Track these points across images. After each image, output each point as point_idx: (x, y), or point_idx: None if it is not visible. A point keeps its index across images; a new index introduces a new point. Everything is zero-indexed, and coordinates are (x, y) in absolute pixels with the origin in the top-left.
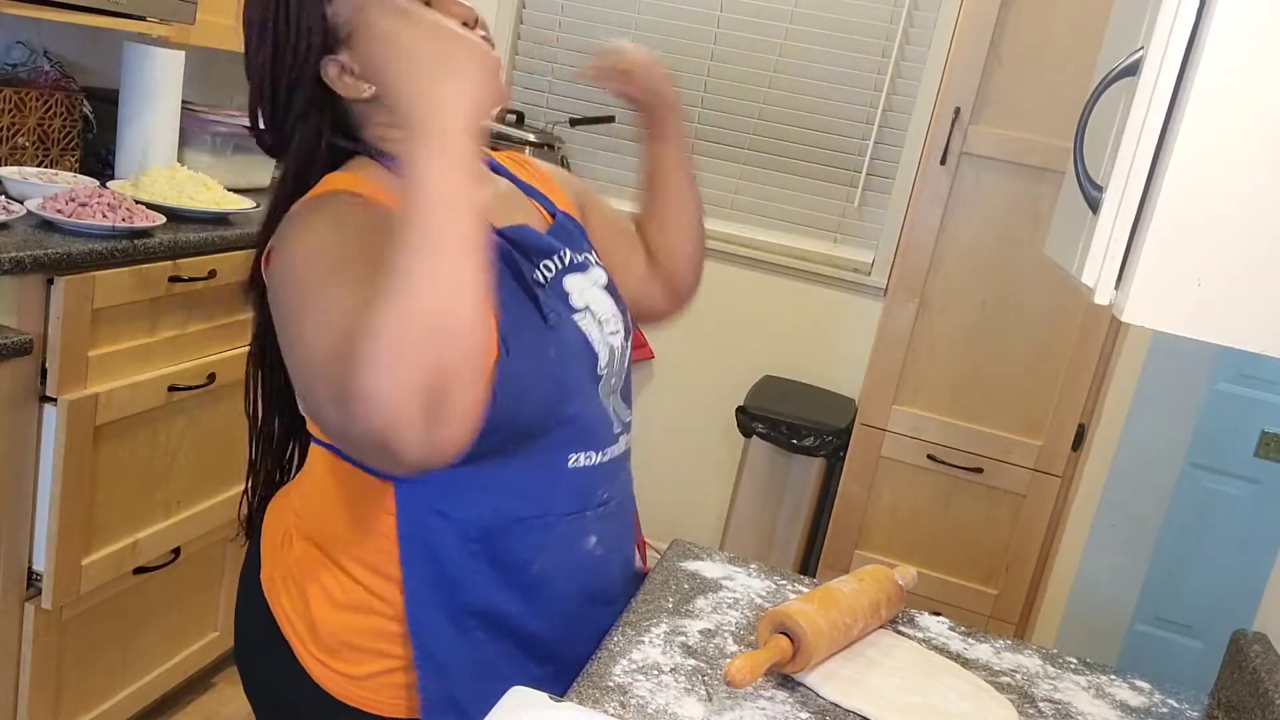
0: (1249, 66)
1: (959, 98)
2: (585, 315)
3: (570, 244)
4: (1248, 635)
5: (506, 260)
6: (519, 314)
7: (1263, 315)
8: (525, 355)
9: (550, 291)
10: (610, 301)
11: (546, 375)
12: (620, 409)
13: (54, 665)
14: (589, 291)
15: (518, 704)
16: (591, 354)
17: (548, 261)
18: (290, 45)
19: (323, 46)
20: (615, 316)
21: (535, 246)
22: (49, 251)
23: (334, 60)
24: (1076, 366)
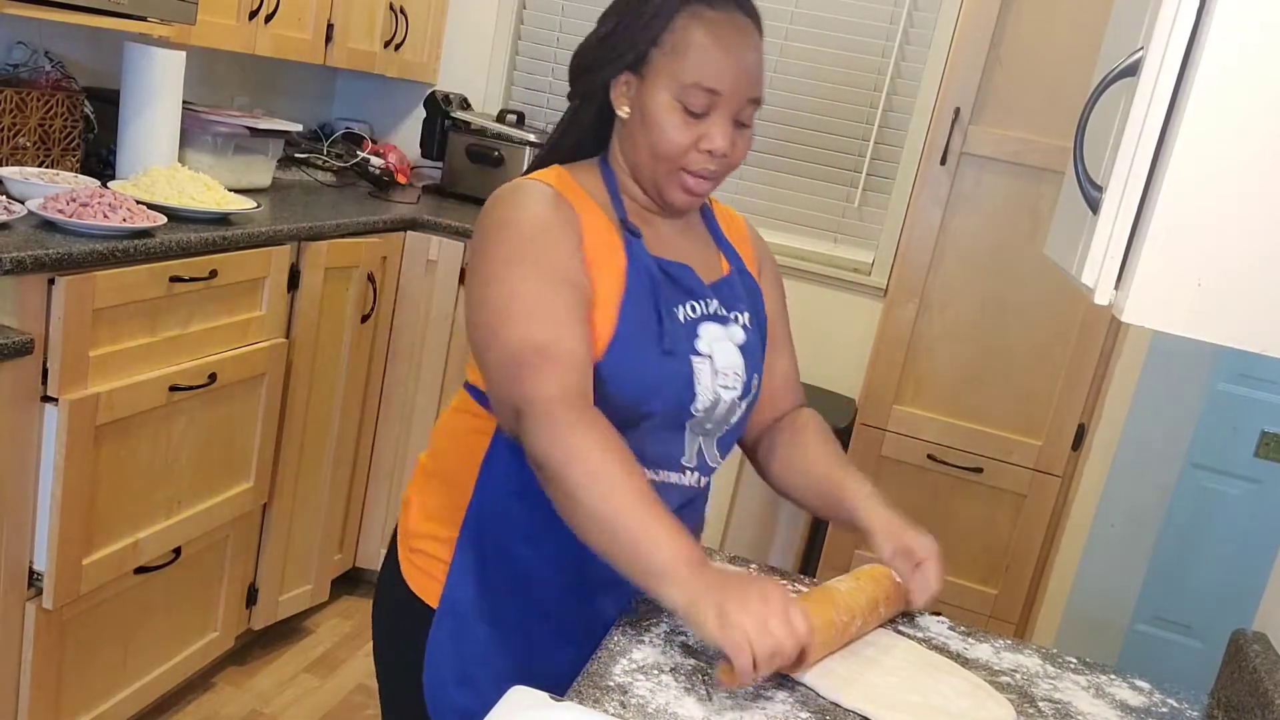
0: (1249, 67)
1: (959, 98)
2: (704, 361)
3: (726, 298)
4: (1247, 635)
5: (652, 285)
6: (639, 333)
7: (1263, 315)
8: (623, 366)
9: (682, 328)
10: (739, 360)
11: (633, 385)
12: (709, 451)
13: (54, 665)
14: (720, 344)
15: (518, 704)
16: (690, 394)
17: (694, 303)
18: (622, 37)
19: (633, 59)
20: (738, 374)
21: (686, 285)
22: (50, 251)
23: (626, 78)
24: (1076, 366)
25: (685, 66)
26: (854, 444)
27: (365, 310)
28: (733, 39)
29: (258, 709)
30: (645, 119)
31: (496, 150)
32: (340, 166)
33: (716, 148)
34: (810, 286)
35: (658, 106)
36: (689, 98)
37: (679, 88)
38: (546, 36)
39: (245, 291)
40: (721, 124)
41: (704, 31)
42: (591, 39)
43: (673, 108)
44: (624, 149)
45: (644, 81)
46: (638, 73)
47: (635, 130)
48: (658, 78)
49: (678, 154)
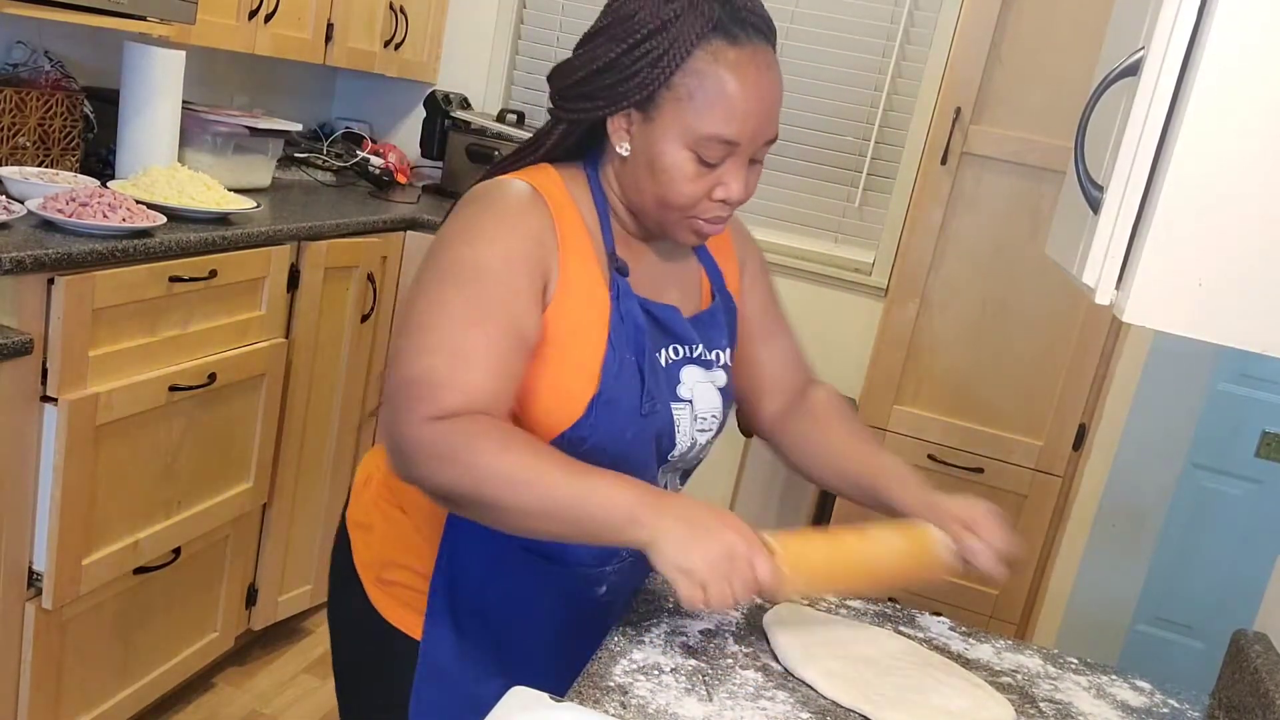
0: (1250, 67)
1: (960, 98)
2: (685, 407)
3: (709, 337)
4: (1248, 635)
5: (636, 333)
6: (622, 392)
7: (1263, 315)
8: (603, 425)
9: (664, 374)
10: (719, 403)
11: (613, 442)
12: (672, 484)
13: (54, 665)
14: (701, 387)
15: (518, 704)
16: (670, 441)
17: (677, 346)
18: (627, 71)
19: (639, 97)
20: (715, 416)
21: (671, 330)
22: (49, 251)
23: (628, 114)
24: (1077, 366)
25: (701, 117)
26: None
27: (365, 310)
28: (756, 82)
29: (257, 709)
30: (653, 167)
31: (496, 150)
32: (340, 166)
33: (733, 197)
34: (811, 286)
35: (667, 156)
36: (705, 149)
37: (694, 138)
38: (546, 36)
39: (245, 291)
40: (737, 171)
41: (725, 76)
42: (587, 61)
43: (685, 158)
44: (622, 183)
45: (651, 124)
46: (644, 111)
47: (639, 173)
48: (668, 123)
49: (689, 205)
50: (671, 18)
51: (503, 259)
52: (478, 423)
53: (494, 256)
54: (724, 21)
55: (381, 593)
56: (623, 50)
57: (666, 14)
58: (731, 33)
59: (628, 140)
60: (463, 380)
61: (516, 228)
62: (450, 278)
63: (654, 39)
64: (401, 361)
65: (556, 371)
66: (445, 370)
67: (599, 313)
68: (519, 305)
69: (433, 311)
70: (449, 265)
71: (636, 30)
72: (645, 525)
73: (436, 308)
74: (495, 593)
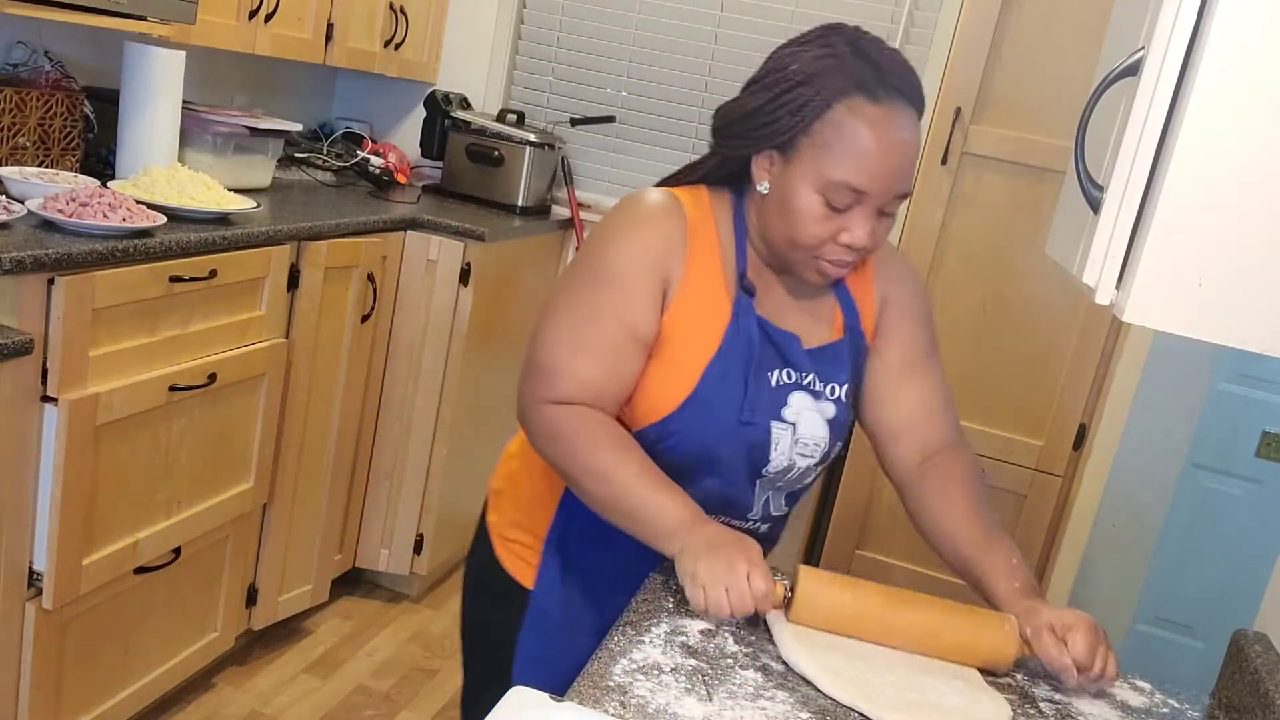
0: (1250, 66)
1: (960, 97)
2: (787, 429)
3: (826, 370)
4: (1248, 635)
5: (749, 350)
6: (718, 399)
7: (1264, 315)
8: (690, 427)
9: (770, 393)
10: (825, 432)
11: (702, 443)
12: (775, 502)
13: (54, 665)
14: (807, 414)
15: (518, 704)
16: (765, 457)
17: (790, 370)
18: (772, 115)
19: (781, 142)
20: (818, 444)
21: (787, 355)
22: (50, 251)
23: (770, 155)
24: (1077, 366)
25: (834, 163)
26: (855, 444)
27: (365, 310)
28: (890, 139)
29: (258, 709)
30: (785, 206)
31: (496, 150)
32: (340, 166)
33: (857, 243)
34: None
35: (799, 197)
36: (834, 194)
37: (824, 183)
38: (547, 36)
39: (245, 291)
40: (864, 219)
41: (860, 130)
42: (740, 107)
43: (815, 201)
44: (759, 218)
45: (789, 165)
46: (784, 154)
47: (773, 210)
48: (803, 166)
49: (815, 246)
50: (818, 72)
51: (629, 261)
52: (585, 416)
53: (622, 258)
54: (868, 81)
55: (504, 549)
56: (771, 97)
57: (815, 68)
58: (873, 91)
59: (767, 179)
60: (579, 371)
61: (646, 230)
62: (583, 275)
63: (800, 90)
64: (534, 345)
65: (663, 366)
66: (565, 360)
67: (717, 321)
68: (639, 306)
69: (565, 305)
70: (585, 263)
71: (786, 80)
72: (678, 540)
73: (568, 302)
74: (599, 556)
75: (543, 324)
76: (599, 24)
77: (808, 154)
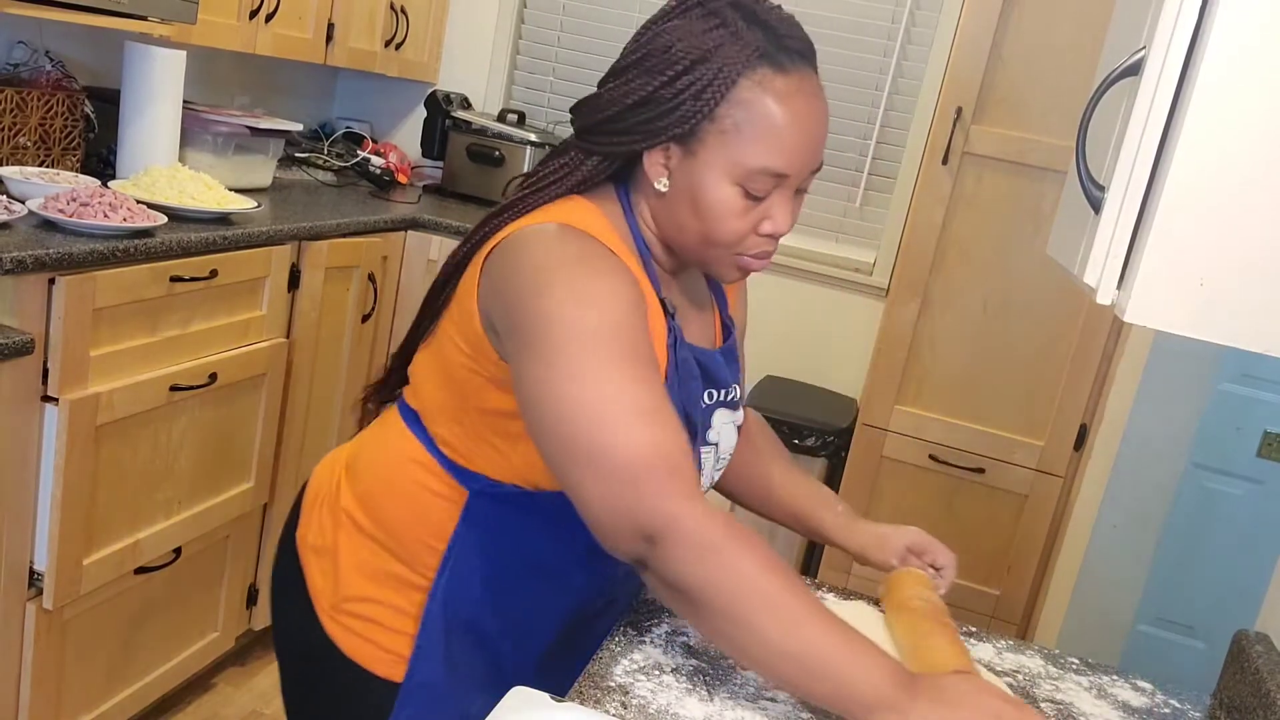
0: (1251, 66)
1: (961, 97)
2: (711, 450)
3: (734, 374)
4: (1250, 635)
5: (694, 381)
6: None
7: (1265, 315)
8: None
9: (700, 418)
10: (736, 440)
11: None
12: None
13: (55, 665)
14: (725, 429)
15: (518, 704)
16: None
17: (713, 390)
18: (667, 105)
19: (680, 131)
20: (729, 455)
21: (714, 376)
22: (50, 251)
23: (666, 149)
24: (1079, 366)
25: (748, 149)
26: (855, 444)
27: (366, 310)
28: (805, 111)
29: (258, 709)
30: (696, 204)
31: (497, 150)
32: (341, 166)
33: (780, 230)
34: (812, 286)
35: (712, 191)
36: (752, 182)
37: (741, 172)
38: (547, 36)
39: (245, 291)
40: (784, 203)
41: (773, 107)
42: (621, 94)
43: (731, 193)
44: (659, 220)
45: (693, 158)
46: (684, 145)
47: (679, 210)
48: (712, 158)
49: (735, 242)
50: (713, 47)
51: (629, 306)
52: (739, 527)
53: (616, 308)
54: (769, 49)
55: (341, 626)
56: (662, 83)
57: (708, 43)
58: (778, 61)
59: (665, 175)
60: (679, 443)
61: (619, 272)
62: (593, 347)
63: (696, 70)
64: (611, 443)
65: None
66: (664, 438)
67: (662, 350)
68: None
69: (610, 380)
70: (582, 335)
71: (676, 62)
72: (898, 709)
73: (613, 378)
74: (493, 611)
75: (594, 430)
76: (599, 24)
77: (715, 142)
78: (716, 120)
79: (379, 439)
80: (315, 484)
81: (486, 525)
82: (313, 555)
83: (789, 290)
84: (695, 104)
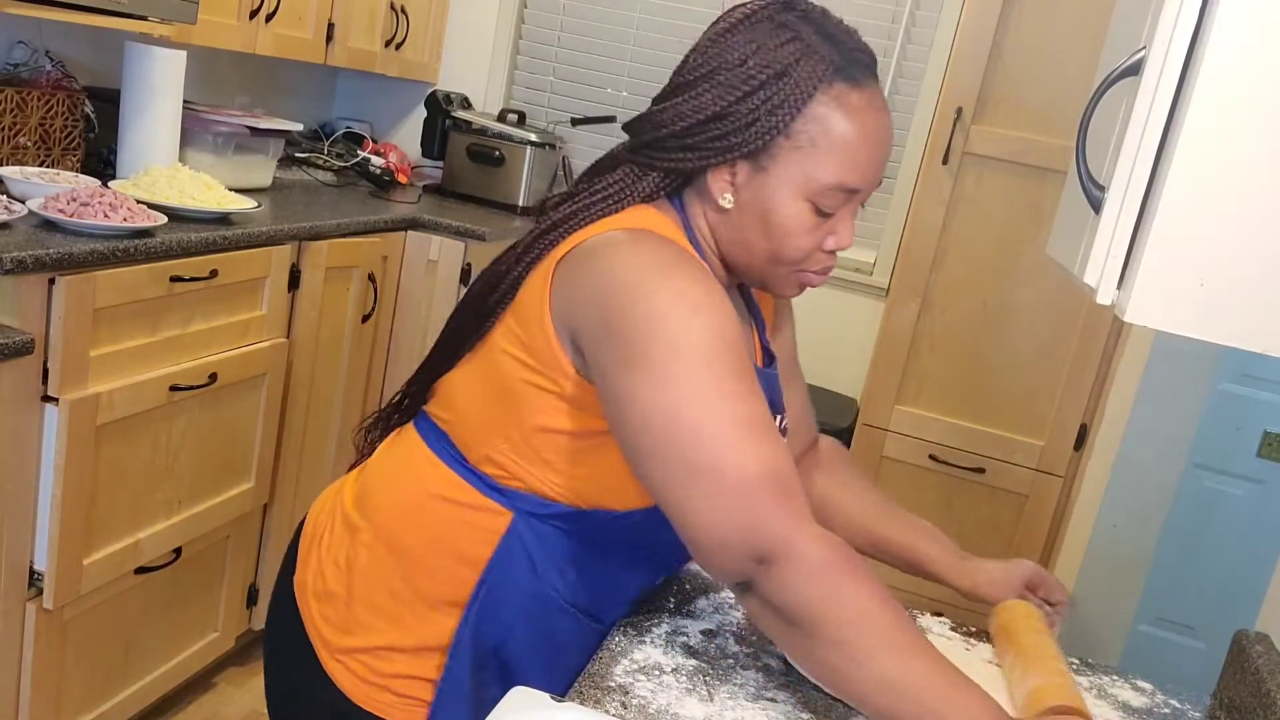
0: (1251, 66)
1: (961, 97)
2: None
3: (780, 404)
4: (1250, 636)
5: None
6: None
7: (1265, 314)
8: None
9: None
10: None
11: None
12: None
13: (55, 665)
14: None
15: (519, 704)
16: None
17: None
18: (742, 120)
19: (753, 147)
20: None
21: (772, 401)
22: (50, 251)
23: (733, 169)
24: (1079, 366)
25: (823, 165)
26: (856, 444)
27: (366, 310)
28: (876, 126)
29: (258, 709)
30: (766, 221)
31: (497, 150)
32: (341, 166)
33: (843, 246)
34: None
35: (784, 208)
36: (825, 199)
37: (816, 188)
38: (547, 36)
39: (245, 291)
40: (849, 219)
41: (847, 123)
42: (690, 109)
43: (803, 209)
44: (720, 236)
45: (764, 174)
46: (755, 161)
47: (746, 226)
48: (784, 173)
49: (804, 258)
50: (791, 63)
51: (727, 312)
52: (852, 553)
53: (721, 314)
54: (842, 63)
55: (351, 674)
56: (737, 98)
57: (784, 58)
58: (851, 75)
59: (731, 190)
60: (787, 455)
61: (711, 278)
62: (702, 357)
63: (772, 85)
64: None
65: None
66: (778, 458)
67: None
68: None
69: (711, 399)
70: (689, 345)
71: (752, 76)
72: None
73: (712, 392)
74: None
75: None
76: (599, 24)
77: (788, 158)
78: (792, 137)
79: (395, 468)
80: (313, 525)
81: (527, 548)
82: (315, 601)
83: None
84: (771, 119)
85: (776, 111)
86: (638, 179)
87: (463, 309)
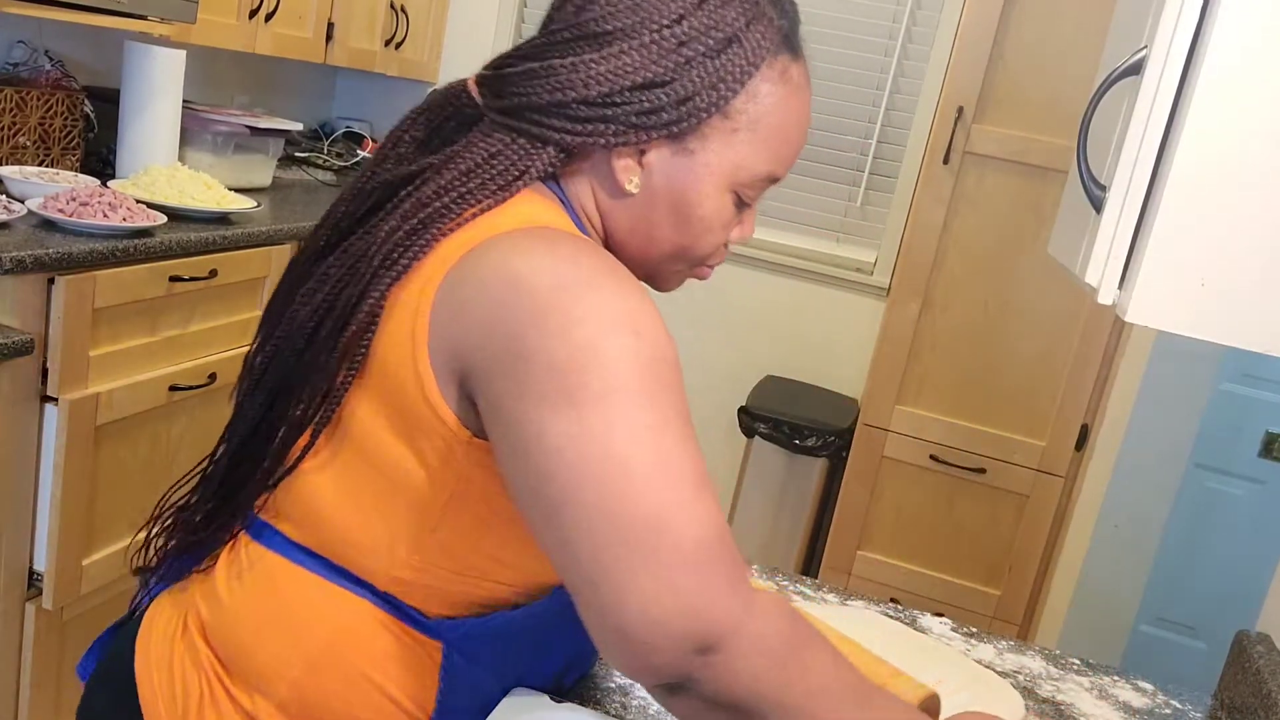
0: (1252, 66)
1: (962, 97)
2: None
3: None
4: (1251, 636)
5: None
6: None
7: (1267, 315)
8: None
9: None
10: None
11: None
12: None
13: (55, 665)
14: None
15: (518, 704)
16: None
17: None
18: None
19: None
20: None
21: None
22: (50, 251)
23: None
24: (1080, 366)
25: (761, 154)
26: (856, 444)
27: None
28: (806, 107)
29: None
30: (682, 212)
31: None
32: (341, 166)
33: (747, 238)
34: (812, 286)
35: (709, 200)
36: (750, 190)
37: (745, 178)
38: None
39: (245, 291)
40: (752, 209)
41: (791, 103)
42: (607, 71)
43: (727, 201)
44: (615, 224)
45: (688, 158)
46: (680, 143)
47: (653, 216)
48: (714, 160)
49: (713, 253)
50: (741, 27)
51: (666, 334)
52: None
53: (662, 337)
54: (788, 30)
55: None
56: (672, 66)
57: (732, 22)
58: (794, 44)
59: (639, 175)
60: (722, 517)
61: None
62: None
63: (719, 56)
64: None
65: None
66: (716, 509)
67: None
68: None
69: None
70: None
71: (693, 40)
72: None
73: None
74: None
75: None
76: None
77: (721, 141)
78: (730, 116)
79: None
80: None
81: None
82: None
83: (789, 290)
84: (711, 95)
85: (718, 86)
86: (529, 155)
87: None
